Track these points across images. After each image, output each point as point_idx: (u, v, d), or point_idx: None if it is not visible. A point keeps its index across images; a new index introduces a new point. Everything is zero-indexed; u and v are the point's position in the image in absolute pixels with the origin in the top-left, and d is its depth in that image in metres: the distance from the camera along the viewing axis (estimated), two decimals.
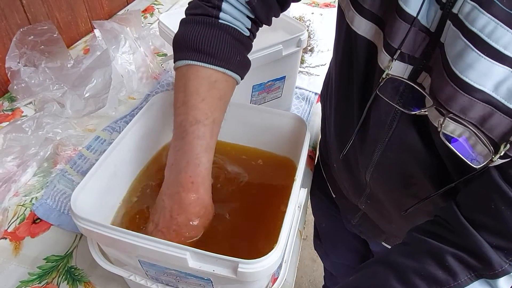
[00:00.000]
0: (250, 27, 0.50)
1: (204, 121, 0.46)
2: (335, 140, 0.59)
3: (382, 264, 0.42)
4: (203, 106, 0.46)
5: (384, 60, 0.41)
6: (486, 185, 0.37)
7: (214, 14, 0.47)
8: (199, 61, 0.47)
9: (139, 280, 0.46)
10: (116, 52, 0.86)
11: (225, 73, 0.48)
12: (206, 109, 0.47)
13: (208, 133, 0.47)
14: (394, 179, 0.50)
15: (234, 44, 0.49)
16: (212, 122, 0.47)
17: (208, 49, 0.47)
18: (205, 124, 0.46)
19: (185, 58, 0.47)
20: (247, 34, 0.51)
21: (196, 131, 0.46)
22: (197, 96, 0.47)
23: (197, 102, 0.46)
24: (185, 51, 0.48)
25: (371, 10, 0.41)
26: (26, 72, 0.81)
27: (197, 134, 0.46)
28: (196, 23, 0.48)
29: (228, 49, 0.48)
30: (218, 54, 0.47)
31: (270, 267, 0.39)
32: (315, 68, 1.01)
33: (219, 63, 0.47)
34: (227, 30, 0.48)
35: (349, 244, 0.90)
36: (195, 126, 0.46)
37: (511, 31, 0.30)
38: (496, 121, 0.33)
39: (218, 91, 0.48)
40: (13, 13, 0.85)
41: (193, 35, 0.47)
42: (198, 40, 0.47)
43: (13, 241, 0.60)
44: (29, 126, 0.71)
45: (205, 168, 0.47)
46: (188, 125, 0.46)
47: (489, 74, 0.32)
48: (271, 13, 0.52)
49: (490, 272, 0.36)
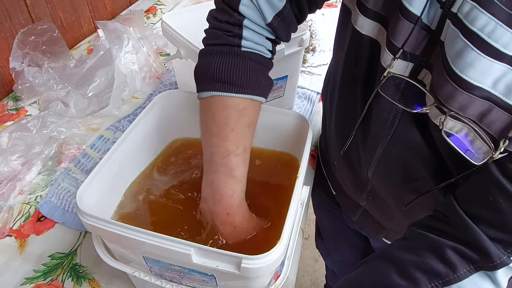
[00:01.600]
0: (271, 49, 0.50)
1: (235, 151, 0.47)
2: (336, 137, 0.60)
3: (382, 259, 0.43)
4: (233, 137, 0.47)
5: (387, 59, 0.41)
6: (484, 178, 0.38)
7: (236, 43, 0.47)
8: (226, 92, 0.46)
9: (143, 277, 0.47)
10: (119, 52, 0.87)
11: (252, 99, 0.48)
12: (236, 140, 0.47)
13: (240, 163, 0.48)
14: (395, 175, 0.51)
15: (258, 70, 0.48)
16: (243, 151, 0.48)
17: (234, 79, 0.46)
18: (236, 154, 0.47)
19: (210, 89, 0.47)
20: (269, 56, 0.50)
21: (229, 163, 0.47)
22: (226, 127, 0.47)
23: (227, 133, 0.47)
24: (209, 83, 0.47)
25: (374, 10, 0.42)
26: (30, 72, 0.82)
27: (230, 166, 0.47)
28: (218, 54, 0.47)
29: (254, 76, 0.47)
30: (244, 83, 0.47)
31: (273, 263, 0.40)
32: (317, 67, 1.02)
33: (246, 91, 0.47)
34: (250, 57, 0.47)
35: (351, 241, 0.90)
36: (227, 158, 0.47)
37: (510, 31, 0.31)
38: (495, 117, 0.34)
39: (247, 118, 0.48)
40: (17, 13, 0.86)
41: (217, 66, 0.46)
42: (223, 71, 0.46)
43: (18, 238, 0.61)
44: (34, 125, 0.72)
45: (238, 198, 0.48)
46: (219, 158, 0.47)
47: (489, 72, 0.32)
48: (290, 29, 0.51)
49: (489, 264, 0.36)
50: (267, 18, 0.47)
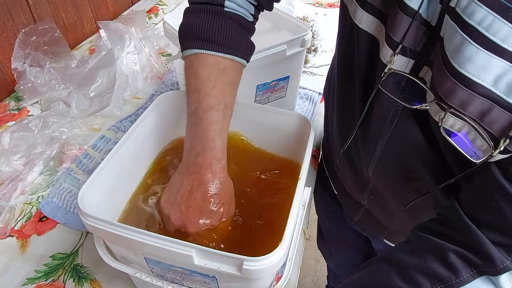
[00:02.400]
0: (253, 13, 0.52)
1: (216, 107, 0.48)
2: (337, 135, 0.60)
3: (385, 262, 0.42)
4: (214, 93, 0.48)
5: (386, 54, 0.41)
6: (487, 182, 0.37)
7: (220, 2, 0.48)
8: (207, 50, 0.48)
9: (145, 278, 0.47)
10: (121, 52, 0.87)
11: (233, 60, 0.50)
12: (217, 95, 0.48)
13: (221, 117, 0.49)
14: (396, 173, 0.50)
15: (240, 31, 0.50)
16: (224, 107, 0.49)
17: (216, 38, 0.48)
18: (218, 109, 0.48)
19: (193, 47, 0.49)
20: (251, 20, 0.52)
21: (210, 117, 0.48)
22: (208, 83, 0.48)
23: (209, 89, 0.48)
24: (192, 40, 0.49)
25: (373, 4, 0.42)
26: (32, 72, 0.82)
27: (211, 120, 0.48)
28: (201, 12, 0.49)
29: (235, 36, 0.49)
30: (225, 42, 0.48)
31: (275, 265, 0.39)
32: (318, 68, 1.02)
33: (227, 51, 0.49)
34: (232, 17, 0.49)
35: (353, 242, 0.90)
36: (209, 112, 0.48)
37: (508, 24, 0.30)
38: (496, 116, 0.34)
39: (227, 77, 0.49)
40: (19, 13, 0.86)
41: (199, 24, 0.48)
42: (205, 29, 0.48)
43: (20, 239, 0.61)
44: (35, 125, 0.72)
45: (220, 151, 0.49)
46: (201, 112, 0.48)
47: (488, 68, 0.32)
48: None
49: (492, 269, 0.36)
50: None
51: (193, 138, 0.49)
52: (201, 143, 0.48)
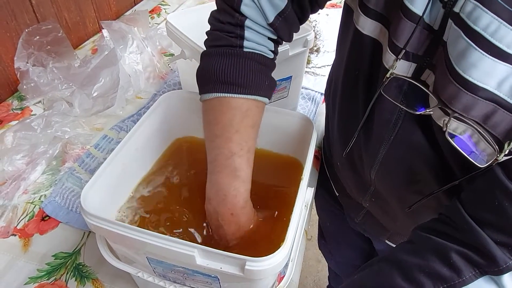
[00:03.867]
0: (273, 49, 0.51)
1: (239, 152, 0.47)
2: (339, 138, 0.60)
3: (387, 262, 0.42)
4: (237, 138, 0.47)
5: (389, 59, 0.41)
6: (489, 182, 0.37)
7: (238, 44, 0.47)
8: (229, 92, 0.47)
9: (147, 277, 0.47)
10: (123, 52, 0.87)
11: (255, 100, 0.48)
12: (240, 140, 0.47)
13: (244, 163, 0.48)
14: (399, 177, 0.50)
15: (261, 70, 0.49)
16: (247, 152, 0.48)
17: (237, 80, 0.46)
18: (240, 155, 0.47)
19: (214, 91, 0.47)
20: (271, 57, 0.51)
21: (233, 163, 0.47)
22: (230, 128, 0.47)
23: (231, 134, 0.47)
24: (212, 84, 0.47)
25: (375, 10, 0.41)
26: (35, 72, 0.82)
27: (234, 167, 0.47)
28: (220, 55, 0.47)
29: (257, 76, 0.48)
30: (247, 83, 0.47)
31: (277, 265, 0.39)
32: (321, 68, 1.01)
33: (249, 92, 0.47)
34: (252, 57, 0.48)
35: (354, 243, 0.90)
36: (231, 159, 0.47)
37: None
38: (499, 118, 0.33)
39: (250, 119, 0.48)
40: (22, 13, 0.86)
41: (219, 67, 0.47)
42: (225, 72, 0.46)
43: (22, 238, 0.61)
44: (38, 124, 0.72)
45: (242, 198, 0.48)
46: (223, 159, 0.47)
47: (493, 73, 0.32)
48: (292, 29, 0.51)
49: (495, 269, 0.36)
50: (268, 18, 0.47)
51: (213, 186, 0.48)
52: (222, 192, 0.47)
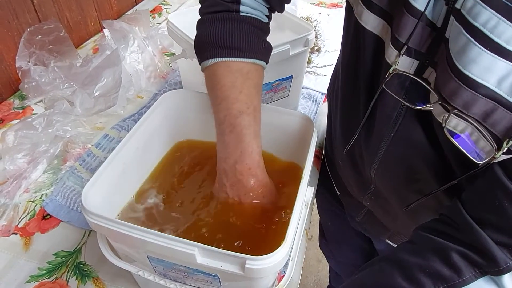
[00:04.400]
0: (267, 14, 0.53)
1: (246, 111, 0.49)
2: (340, 136, 0.60)
3: (387, 262, 0.42)
4: (242, 98, 0.49)
5: (391, 55, 0.41)
6: (490, 182, 0.37)
7: (235, 8, 0.49)
8: (229, 57, 0.48)
9: (147, 276, 0.47)
10: (124, 51, 0.87)
11: (254, 63, 0.50)
12: (246, 100, 0.49)
13: (252, 121, 0.49)
14: (399, 175, 0.50)
15: (257, 34, 0.51)
16: (254, 110, 0.50)
17: (236, 44, 0.48)
18: (248, 113, 0.49)
19: (214, 56, 0.49)
20: (266, 21, 0.53)
21: (242, 121, 0.48)
22: (234, 89, 0.48)
23: (236, 95, 0.48)
24: (212, 49, 0.49)
25: (379, 5, 0.42)
26: (36, 71, 0.82)
27: (244, 124, 0.48)
28: (217, 20, 0.49)
29: (254, 40, 0.50)
30: (246, 46, 0.49)
31: (277, 264, 0.40)
32: (322, 68, 1.02)
33: (249, 55, 0.49)
34: (249, 21, 0.50)
35: (354, 243, 0.90)
36: (240, 117, 0.48)
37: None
38: (499, 116, 0.34)
39: (251, 80, 0.50)
40: (24, 12, 0.87)
41: (217, 32, 0.48)
42: (224, 36, 0.48)
43: (24, 236, 0.62)
44: (39, 123, 0.73)
45: (257, 153, 0.50)
46: (233, 119, 0.48)
47: (492, 69, 0.32)
48: (284, 0, 0.54)
49: (495, 269, 0.36)
50: None
51: (227, 146, 0.49)
52: (238, 149, 0.48)
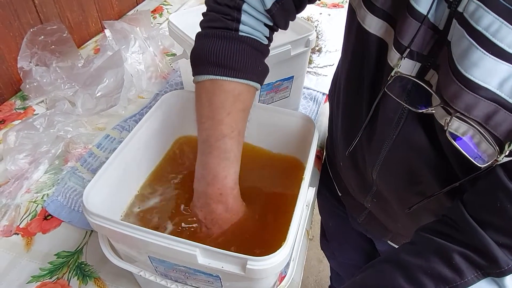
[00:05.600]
0: (268, 36, 0.51)
1: (230, 135, 0.48)
2: (342, 137, 0.60)
3: (389, 263, 0.42)
4: (228, 120, 0.47)
5: (394, 58, 0.41)
6: (492, 184, 0.37)
7: (234, 27, 0.47)
8: (223, 76, 0.47)
9: (149, 276, 0.47)
10: (126, 51, 0.87)
11: (248, 84, 0.49)
12: (231, 123, 0.48)
13: (234, 145, 0.48)
14: (400, 177, 0.50)
15: (255, 55, 0.49)
16: (238, 134, 0.49)
17: (231, 63, 0.47)
18: (231, 137, 0.48)
19: (207, 73, 0.48)
20: (266, 43, 0.51)
21: (223, 145, 0.48)
22: (222, 110, 0.47)
23: (223, 117, 0.47)
24: (206, 66, 0.48)
25: (382, 9, 0.42)
26: (38, 71, 0.83)
27: (224, 148, 0.48)
28: (215, 37, 0.47)
29: (250, 61, 0.48)
30: (241, 67, 0.47)
31: (279, 265, 0.40)
32: (323, 68, 1.01)
33: (243, 76, 0.48)
34: (247, 42, 0.48)
35: (356, 243, 0.90)
36: (221, 140, 0.47)
37: None
38: (501, 119, 0.34)
39: (241, 103, 0.49)
40: (25, 13, 0.87)
41: (214, 49, 0.47)
42: (220, 54, 0.47)
43: (25, 236, 0.62)
44: (40, 123, 0.73)
45: (232, 179, 0.49)
46: (213, 140, 0.48)
47: (494, 72, 0.32)
48: (289, 17, 0.52)
49: (497, 270, 0.36)
50: (266, 4, 0.47)
51: (203, 167, 0.49)
52: (212, 172, 0.48)
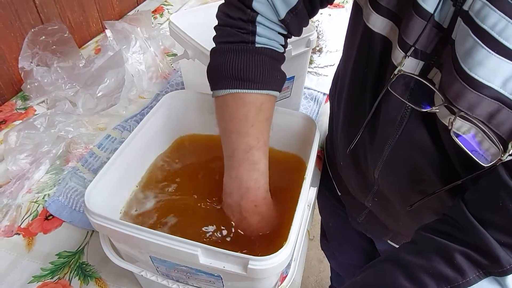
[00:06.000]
0: (283, 43, 0.51)
1: (256, 146, 0.48)
2: (343, 136, 0.60)
3: (390, 262, 0.42)
4: (253, 132, 0.48)
5: (398, 56, 0.41)
6: (493, 182, 0.37)
7: (250, 40, 0.47)
8: (244, 88, 0.47)
9: (150, 276, 0.47)
10: (126, 52, 0.87)
11: (268, 94, 0.49)
12: (257, 134, 0.48)
13: (262, 155, 0.49)
14: (403, 176, 0.50)
15: (272, 64, 0.50)
16: (264, 145, 0.49)
17: (251, 76, 0.47)
18: (258, 148, 0.48)
19: (228, 87, 0.48)
20: (282, 51, 0.51)
21: (251, 157, 0.48)
22: (246, 122, 0.48)
23: (247, 129, 0.48)
24: (226, 80, 0.48)
25: (387, 7, 0.42)
26: (39, 71, 0.83)
27: (253, 160, 0.48)
28: (233, 52, 0.47)
29: (269, 71, 0.48)
30: (261, 79, 0.48)
31: (280, 265, 0.40)
32: (323, 68, 1.01)
33: (263, 87, 0.48)
34: (264, 52, 0.48)
35: (356, 243, 0.90)
36: (250, 152, 0.48)
37: None
38: (504, 117, 0.33)
39: (264, 113, 0.49)
40: (26, 13, 0.87)
41: (232, 64, 0.47)
42: (239, 68, 0.47)
43: (26, 237, 0.62)
44: (41, 123, 0.73)
45: (264, 190, 0.49)
46: (242, 153, 0.48)
47: (498, 71, 0.32)
48: (302, 24, 0.52)
49: (499, 270, 0.36)
50: (280, 15, 0.47)
51: (234, 180, 0.49)
52: (244, 185, 0.48)
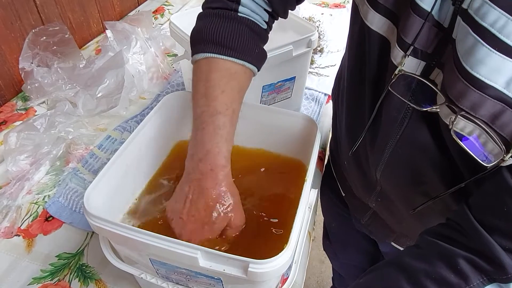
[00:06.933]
0: (267, 20, 0.52)
1: (224, 112, 0.48)
2: (346, 137, 0.59)
3: (393, 266, 0.42)
4: (223, 98, 0.48)
5: (397, 56, 0.41)
6: (498, 187, 0.37)
7: (233, 7, 0.48)
8: (219, 54, 0.48)
9: (150, 279, 0.47)
10: (127, 52, 0.87)
11: (243, 65, 0.49)
12: (226, 101, 0.48)
13: (228, 123, 0.48)
14: (405, 176, 0.50)
15: (252, 37, 0.50)
16: (232, 113, 0.49)
17: (228, 42, 0.48)
18: (225, 114, 0.48)
19: (204, 51, 0.49)
20: (265, 27, 0.52)
21: (216, 121, 0.47)
22: (217, 88, 0.48)
23: (218, 94, 0.48)
24: (204, 44, 0.49)
25: (385, 5, 0.41)
26: (39, 72, 0.82)
27: (217, 124, 0.47)
28: (215, 17, 0.49)
29: (247, 42, 0.49)
30: (237, 47, 0.48)
31: (281, 268, 0.39)
32: (324, 68, 1.01)
33: (239, 56, 0.48)
34: (245, 23, 0.49)
35: (359, 245, 0.89)
36: (215, 116, 0.47)
37: None
38: (508, 119, 0.33)
39: (237, 82, 0.49)
40: (27, 14, 0.87)
41: (212, 28, 0.48)
42: (217, 33, 0.48)
43: (26, 238, 0.61)
44: (41, 123, 0.73)
45: (224, 157, 0.48)
46: (208, 116, 0.48)
47: (501, 70, 0.32)
48: (288, 6, 0.53)
49: (503, 276, 0.35)
50: None
51: (196, 142, 0.48)
52: (205, 148, 0.47)
